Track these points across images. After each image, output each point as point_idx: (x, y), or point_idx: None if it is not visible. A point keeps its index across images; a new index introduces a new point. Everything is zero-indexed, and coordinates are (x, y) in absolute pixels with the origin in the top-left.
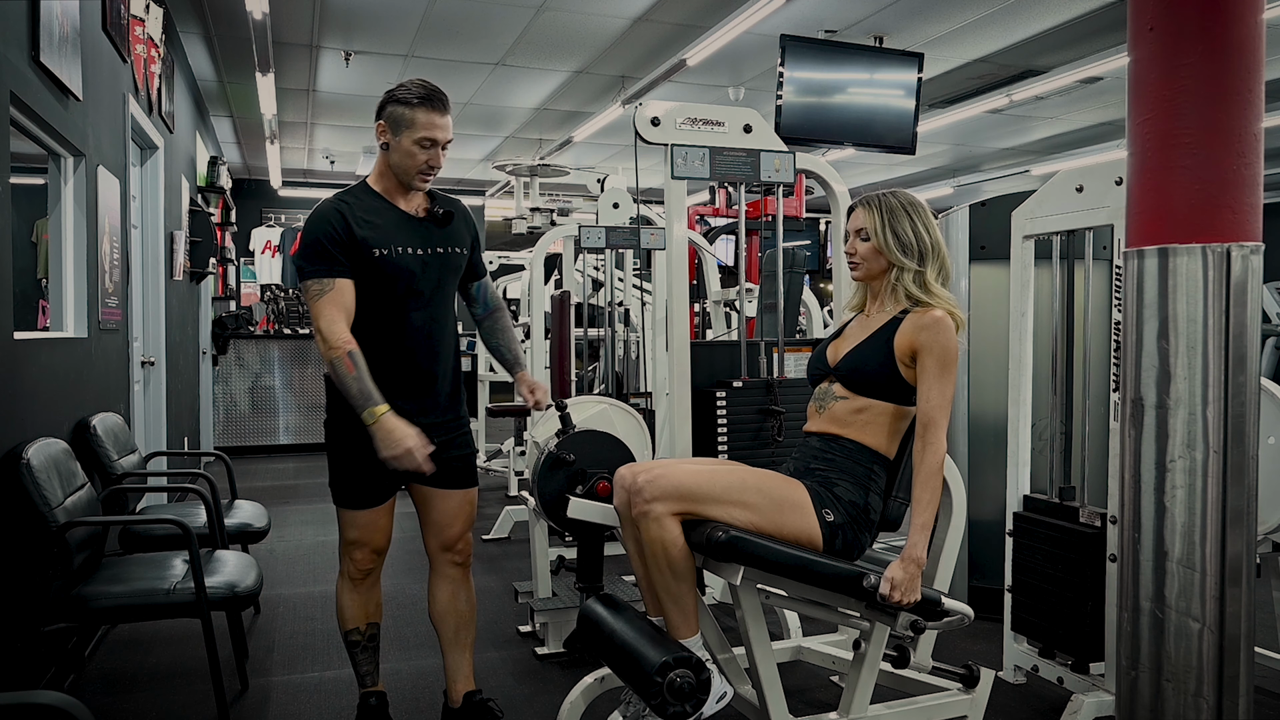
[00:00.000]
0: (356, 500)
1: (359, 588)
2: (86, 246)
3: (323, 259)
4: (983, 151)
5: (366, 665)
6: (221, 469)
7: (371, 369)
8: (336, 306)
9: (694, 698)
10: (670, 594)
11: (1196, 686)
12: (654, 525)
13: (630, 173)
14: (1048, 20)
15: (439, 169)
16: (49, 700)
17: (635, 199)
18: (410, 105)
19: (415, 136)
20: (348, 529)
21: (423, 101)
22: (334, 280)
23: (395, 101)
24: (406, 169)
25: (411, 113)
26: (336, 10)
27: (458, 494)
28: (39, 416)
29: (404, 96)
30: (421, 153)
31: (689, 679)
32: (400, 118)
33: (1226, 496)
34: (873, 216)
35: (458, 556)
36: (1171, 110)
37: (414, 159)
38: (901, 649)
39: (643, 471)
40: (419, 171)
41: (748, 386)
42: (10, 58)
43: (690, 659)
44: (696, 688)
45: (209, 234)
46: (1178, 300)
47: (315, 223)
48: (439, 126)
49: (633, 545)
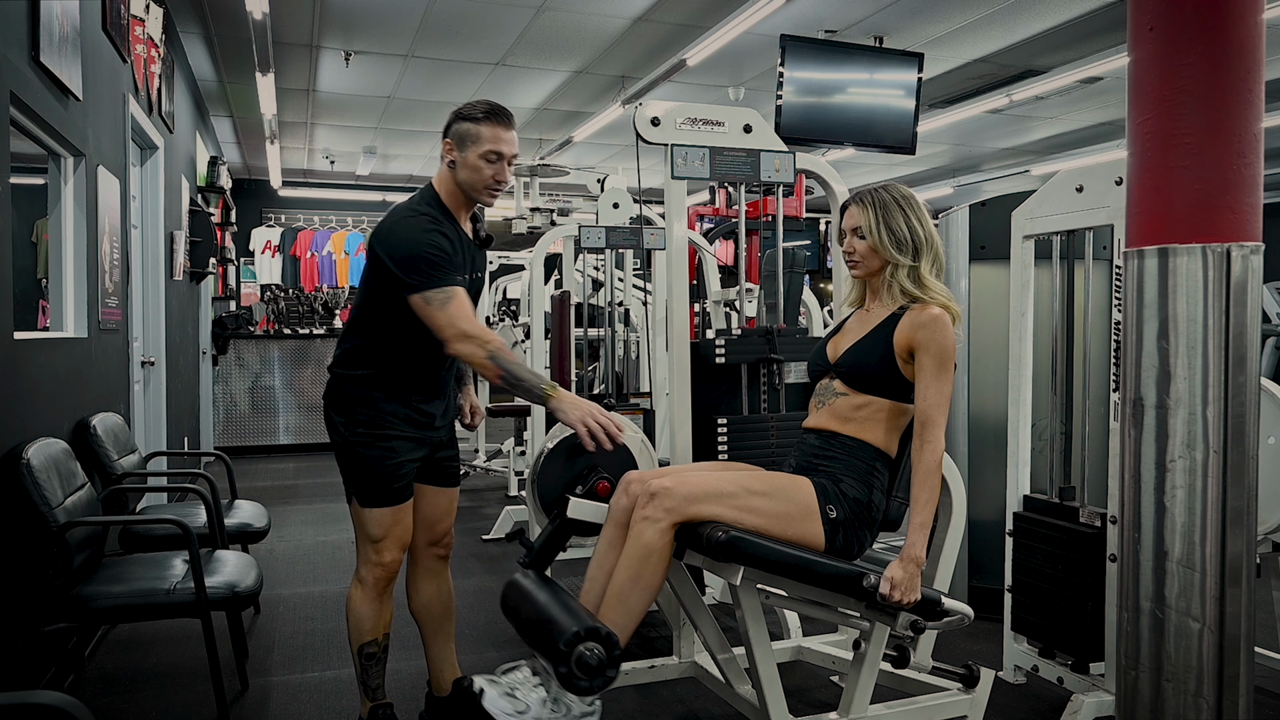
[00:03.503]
0: (395, 495)
1: (383, 596)
2: (86, 246)
3: (437, 269)
4: (983, 151)
5: (378, 679)
6: (221, 469)
7: (400, 372)
8: (466, 309)
9: (601, 675)
10: (622, 597)
11: (1196, 686)
12: (651, 529)
13: (630, 173)
14: (1048, 20)
15: (505, 184)
16: (49, 700)
17: (635, 199)
18: (476, 120)
19: (481, 150)
20: (376, 528)
21: (488, 116)
22: (455, 289)
23: (461, 118)
24: (474, 184)
25: (477, 128)
26: (336, 10)
27: (449, 491)
28: (39, 416)
29: (469, 113)
30: (488, 167)
31: (599, 654)
32: (466, 133)
33: (1226, 496)
34: (867, 214)
35: (443, 550)
36: (1171, 110)
37: (480, 173)
38: (901, 649)
39: (655, 479)
40: (486, 186)
41: (746, 335)
42: (10, 58)
43: (610, 639)
44: (606, 664)
45: (209, 234)
46: (1178, 300)
47: (421, 236)
48: (504, 140)
49: (606, 545)
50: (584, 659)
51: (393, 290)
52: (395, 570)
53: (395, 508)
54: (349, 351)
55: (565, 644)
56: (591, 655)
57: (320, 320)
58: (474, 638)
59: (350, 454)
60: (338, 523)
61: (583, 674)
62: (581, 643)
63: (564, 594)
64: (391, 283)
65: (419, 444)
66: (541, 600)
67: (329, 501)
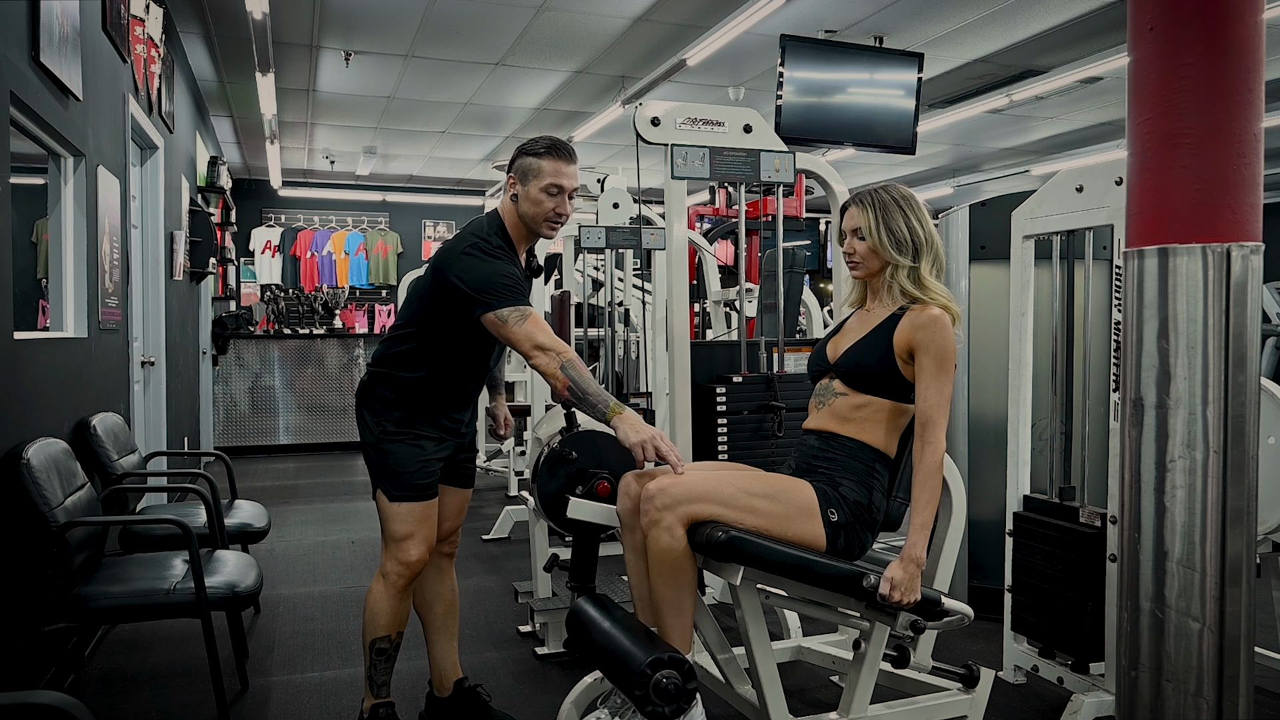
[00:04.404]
0: (421, 491)
1: (403, 594)
2: (86, 246)
3: (511, 289)
4: (983, 151)
5: (385, 675)
6: (221, 469)
7: (448, 392)
8: (543, 323)
9: (677, 702)
10: (670, 602)
11: (1196, 686)
12: (664, 535)
13: (630, 173)
14: (1048, 20)
15: (566, 217)
16: (49, 700)
17: (635, 199)
18: (538, 155)
19: (542, 184)
20: (403, 525)
21: (549, 151)
22: (529, 307)
23: (524, 154)
24: (535, 216)
25: (539, 162)
26: (336, 10)
27: (464, 491)
28: (39, 416)
29: (532, 148)
30: (549, 200)
31: (675, 680)
32: (529, 168)
33: (1226, 496)
34: (867, 215)
35: (450, 547)
36: (1171, 110)
37: (541, 206)
38: (901, 649)
39: (650, 479)
40: (546, 219)
41: (747, 381)
42: (10, 58)
43: (681, 661)
44: (682, 691)
45: (209, 234)
46: (1178, 300)
47: (491, 260)
48: (565, 174)
49: (632, 553)
50: (662, 688)
51: (454, 310)
52: (419, 569)
53: (422, 504)
54: (394, 355)
55: (641, 677)
56: (669, 682)
57: (320, 320)
58: (474, 638)
59: (379, 449)
60: (338, 523)
61: (663, 701)
62: (660, 669)
63: (623, 616)
64: (457, 302)
65: (446, 445)
66: (606, 629)
67: (329, 501)
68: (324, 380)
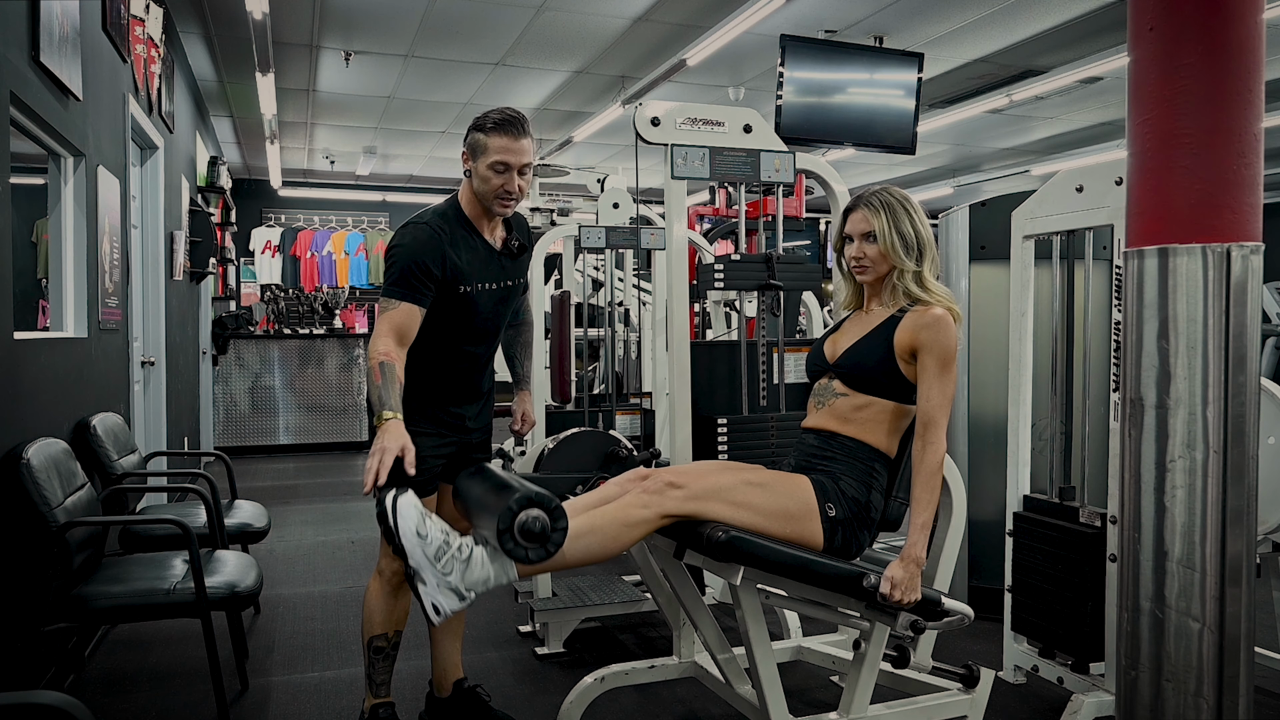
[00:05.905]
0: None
1: (397, 591)
2: (86, 246)
3: (402, 284)
4: (983, 151)
5: (384, 674)
6: (221, 469)
7: (434, 382)
8: (392, 324)
9: (541, 543)
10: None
11: (1196, 686)
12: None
13: (630, 173)
14: (1048, 20)
15: (516, 194)
16: (49, 700)
17: (635, 199)
18: (485, 130)
19: (489, 160)
20: None
21: (497, 126)
22: (401, 304)
23: (474, 128)
24: (485, 194)
25: (485, 138)
26: (336, 10)
27: None
28: (39, 416)
29: (481, 123)
30: (496, 177)
31: (543, 522)
32: (477, 143)
33: (1226, 496)
34: (880, 218)
35: None
36: (1171, 110)
37: (489, 183)
38: (901, 649)
39: (670, 474)
40: (496, 196)
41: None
42: (10, 58)
43: (553, 505)
44: (550, 533)
45: (209, 234)
46: (1178, 300)
47: (409, 250)
48: (512, 150)
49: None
50: (526, 525)
51: None
52: None
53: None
54: None
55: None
56: (534, 522)
57: (320, 320)
58: (474, 638)
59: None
60: (338, 523)
61: (526, 540)
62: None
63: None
64: None
65: (448, 443)
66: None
67: (329, 501)
68: (324, 380)
